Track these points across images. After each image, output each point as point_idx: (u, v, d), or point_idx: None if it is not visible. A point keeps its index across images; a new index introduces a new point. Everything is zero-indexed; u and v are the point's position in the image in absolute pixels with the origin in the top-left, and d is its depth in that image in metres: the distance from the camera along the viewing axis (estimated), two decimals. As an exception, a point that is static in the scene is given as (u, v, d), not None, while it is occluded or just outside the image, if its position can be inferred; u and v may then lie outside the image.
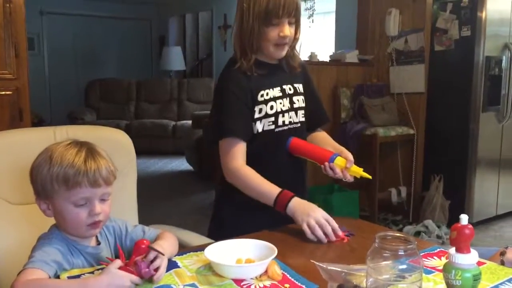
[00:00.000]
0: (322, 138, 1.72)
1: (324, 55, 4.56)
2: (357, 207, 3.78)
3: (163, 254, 1.09)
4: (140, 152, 7.47)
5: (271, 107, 1.55)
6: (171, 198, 4.86)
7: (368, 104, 3.85)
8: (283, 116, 1.57)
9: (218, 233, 1.58)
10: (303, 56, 4.30)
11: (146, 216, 1.70)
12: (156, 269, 1.05)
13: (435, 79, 3.85)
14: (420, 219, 3.77)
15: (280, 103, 1.56)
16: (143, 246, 1.09)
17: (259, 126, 1.54)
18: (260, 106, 1.53)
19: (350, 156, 1.54)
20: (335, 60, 4.10)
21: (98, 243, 1.20)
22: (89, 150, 1.13)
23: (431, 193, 3.81)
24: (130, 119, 7.35)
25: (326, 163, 1.52)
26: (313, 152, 1.58)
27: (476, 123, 3.71)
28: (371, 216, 3.77)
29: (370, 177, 1.52)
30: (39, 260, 1.03)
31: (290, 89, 1.60)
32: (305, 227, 1.36)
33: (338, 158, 1.53)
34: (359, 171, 1.52)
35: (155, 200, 4.61)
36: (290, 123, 1.59)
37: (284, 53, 1.54)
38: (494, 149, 3.90)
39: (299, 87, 1.64)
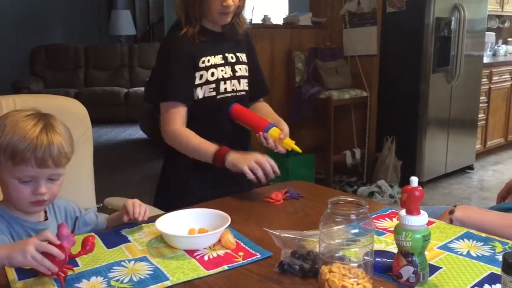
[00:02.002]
0: (264, 110, 1.72)
1: (278, 18, 4.49)
2: (312, 170, 3.82)
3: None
4: (92, 121, 7.19)
5: (212, 74, 1.55)
6: (126, 167, 4.76)
7: (322, 67, 3.84)
8: (225, 83, 1.57)
9: (164, 199, 1.60)
10: (257, 19, 4.24)
11: (101, 187, 1.65)
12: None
13: (387, 41, 3.88)
14: (373, 180, 3.86)
15: (222, 70, 1.57)
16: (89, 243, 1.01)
17: (199, 93, 1.54)
18: (201, 72, 1.54)
19: (286, 129, 1.55)
20: (289, 23, 4.04)
21: (46, 218, 1.15)
22: (46, 125, 1.06)
23: (384, 154, 3.90)
24: (80, 87, 7.07)
25: (261, 132, 1.52)
26: (251, 120, 1.58)
27: (426, 84, 3.78)
28: (326, 179, 3.83)
29: (300, 150, 1.53)
30: None
31: (232, 58, 1.60)
32: (246, 169, 1.38)
33: (273, 128, 1.53)
34: (291, 144, 1.53)
35: (110, 171, 4.50)
36: (234, 90, 1.60)
37: (229, 19, 1.54)
38: (443, 109, 4.01)
39: (242, 56, 1.64)
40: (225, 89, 1.57)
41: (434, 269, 0.97)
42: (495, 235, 1.13)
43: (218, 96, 1.56)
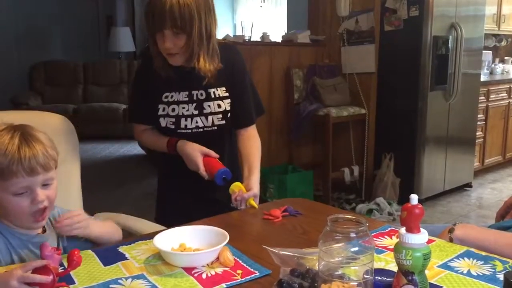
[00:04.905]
0: (247, 148, 1.66)
1: (276, 36, 4.53)
2: (311, 187, 3.81)
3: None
4: (90, 137, 7.17)
5: (173, 110, 1.57)
6: (124, 183, 4.74)
7: (321, 84, 3.86)
8: (185, 120, 1.57)
9: (164, 215, 1.62)
10: (255, 36, 4.28)
11: (98, 203, 1.64)
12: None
13: (385, 59, 3.90)
14: (372, 197, 3.85)
15: (184, 107, 1.56)
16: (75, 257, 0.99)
17: (162, 122, 1.59)
18: (163, 106, 1.57)
19: (255, 189, 1.52)
20: (287, 41, 4.07)
21: (44, 230, 1.14)
22: (23, 135, 1.05)
23: (382, 172, 3.89)
24: (78, 103, 7.08)
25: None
26: (206, 166, 1.53)
27: (424, 102, 3.80)
28: (324, 196, 3.82)
29: (256, 206, 1.49)
30: None
31: (201, 95, 1.57)
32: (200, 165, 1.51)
33: (235, 184, 1.51)
34: (253, 203, 1.49)
35: (107, 187, 4.49)
36: (198, 127, 1.58)
37: (177, 61, 1.49)
38: (441, 127, 4.02)
39: (217, 91, 1.58)
40: (186, 125, 1.57)
41: (434, 288, 0.96)
42: (495, 253, 1.13)
43: (178, 131, 1.58)
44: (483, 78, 4.71)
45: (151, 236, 1.16)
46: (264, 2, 5.54)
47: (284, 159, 3.95)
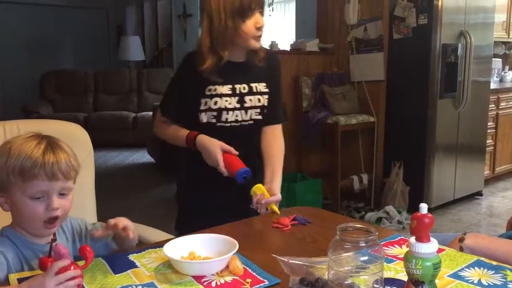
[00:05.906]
0: (270, 154, 1.70)
1: (285, 44, 4.55)
2: (320, 195, 3.81)
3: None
4: (100, 145, 7.21)
5: (215, 103, 1.59)
6: (133, 191, 4.76)
7: (329, 92, 3.86)
8: (227, 113, 1.60)
9: (186, 225, 1.62)
10: (264, 45, 4.30)
11: (107, 211, 1.64)
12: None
13: (394, 67, 3.90)
14: (381, 205, 3.83)
15: (226, 100, 1.60)
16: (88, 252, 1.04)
17: (203, 117, 1.61)
18: (205, 99, 1.59)
19: (279, 195, 1.56)
20: (296, 49, 4.09)
21: (55, 239, 1.15)
22: (49, 143, 1.09)
23: (391, 180, 3.88)
24: (89, 112, 7.15)
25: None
26: (226, 164, 1.54)
27: (433, 110, 3.79)
28: (333, 204, 3.81)
29: (278, 212, 1.50)
30: None
31: (244, 89, 1.62)
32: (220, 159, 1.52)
33: (257, 186, 1.52)
34: (275, 208, 1.51)
35: (116, 195, 4.51)
36: (237, 121, 1.62)
37: (261, 42, 1.62)
38: (451, 135, 4.00)
39: (259, 86, 1.65)
40: (226, 119, 1.61)
41: (445, 297, 0.95)
42: (506, 263, 1.12)
43: (218, 124, 1.61)
44: (493, 86, 4.69)
45: (161, 244, 1.16)
46: (272, 10, 5.57)
47: (293, 167, 3.95)
